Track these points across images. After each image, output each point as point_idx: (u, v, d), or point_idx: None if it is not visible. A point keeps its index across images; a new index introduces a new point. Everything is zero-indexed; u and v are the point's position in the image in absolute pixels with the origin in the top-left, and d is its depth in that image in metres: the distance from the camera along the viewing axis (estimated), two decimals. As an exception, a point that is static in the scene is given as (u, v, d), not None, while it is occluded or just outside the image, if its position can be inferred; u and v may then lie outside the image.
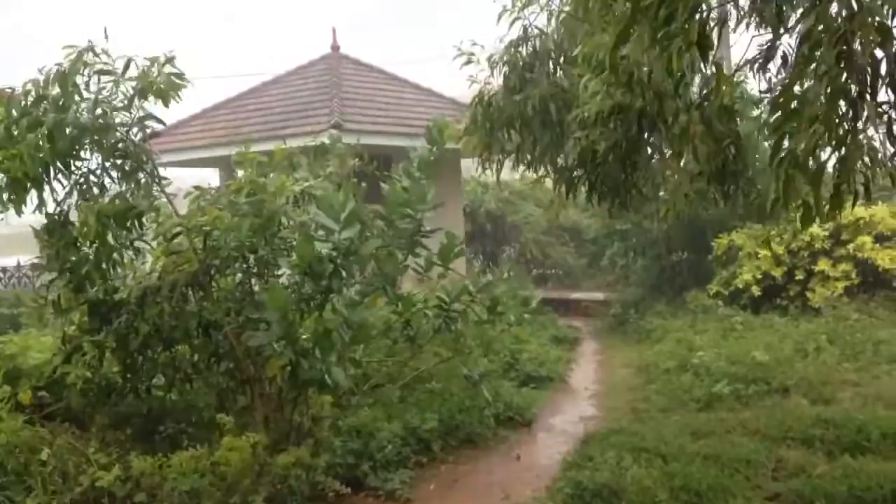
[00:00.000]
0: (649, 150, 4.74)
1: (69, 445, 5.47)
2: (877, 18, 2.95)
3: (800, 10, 3.31)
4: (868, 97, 3.09)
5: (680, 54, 3.29)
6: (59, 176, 5.55)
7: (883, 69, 3.04)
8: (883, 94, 3.21)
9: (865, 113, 3.13)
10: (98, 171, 5.72)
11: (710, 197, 4.74)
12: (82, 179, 5.69)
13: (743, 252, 12.58)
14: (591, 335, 14.44)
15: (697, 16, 3.30)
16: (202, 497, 5.11)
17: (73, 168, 5.61)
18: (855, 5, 2.96)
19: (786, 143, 3.32)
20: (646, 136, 4.59)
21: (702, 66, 3.66)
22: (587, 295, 17.81)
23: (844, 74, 3.02)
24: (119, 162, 5.63)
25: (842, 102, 3.09)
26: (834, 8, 3.04)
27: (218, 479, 5.20)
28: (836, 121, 3.13)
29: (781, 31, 3.61)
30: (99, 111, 5.43)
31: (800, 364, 8.82)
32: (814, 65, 3.13)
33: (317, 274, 5.18)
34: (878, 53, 3.07)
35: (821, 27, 3.03)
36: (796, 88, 3.25)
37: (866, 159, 3.46)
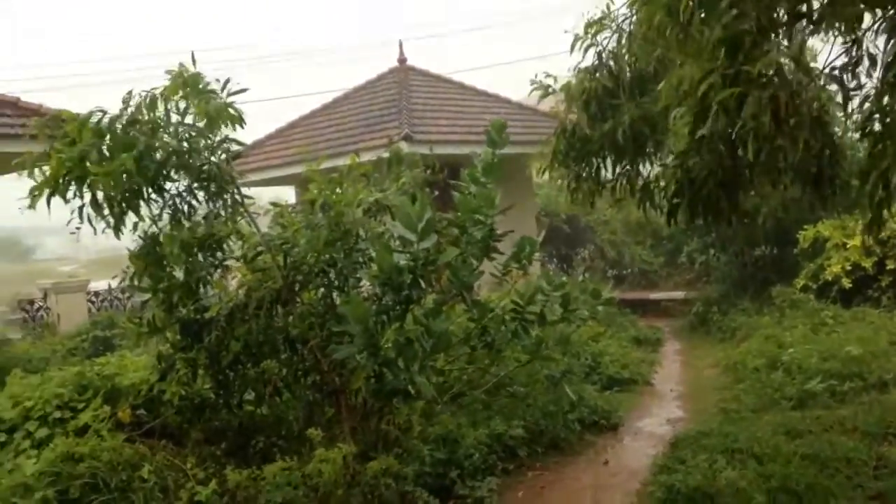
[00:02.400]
0: (748, 172, 4.63)
1: (167, 461, 5.66)
2: None
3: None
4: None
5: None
6: (151, 199, 5.76)
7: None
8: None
9: None
10: (185, 194, 5.93)
11: (805, 202, 4.64)
12: (171, 202, 5.90)
13: (830, 244, 12.12)
14: (672, 335, 14.18)
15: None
16: (296, 508, 5.21)
17: (163, 191, 5.82)
18: None
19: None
20: (742, 159, 4.51)
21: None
22: (666, 294, 17.48)
23: None
24: (205, 184, 5.82)
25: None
26: None
27: (310, 490, 5.30)
28: None
29: (860, 33, 3.55)
30: (185, 135, 5.63)
31: (897, 357, 8.44)
32: None
33: (396, 285, 5.24)
34: None
35: None
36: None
37: None
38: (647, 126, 6.24)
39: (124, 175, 5.12)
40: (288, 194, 16.92)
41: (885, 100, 3.46)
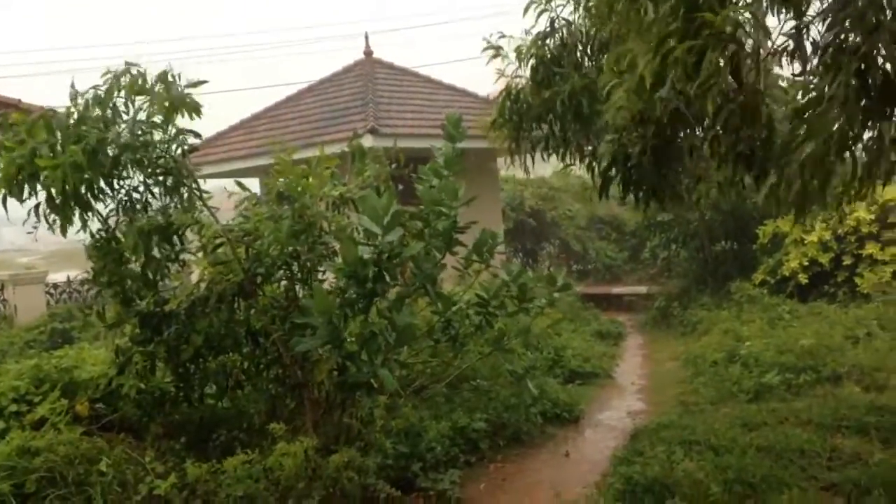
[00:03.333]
0: (683, 149, 4.68)
1: (126, 455, 5.58)
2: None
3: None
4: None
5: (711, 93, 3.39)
6: (104, 195, 5.67)
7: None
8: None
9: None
10: (141, 189, 5.85)
11: (737, 183, 4.67)
12: (126, 197, 5.82)
13: (788, 239, 12.36)
14: (635, 329, 14.36)
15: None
16: (257, 502, 5.18)
17: (116, 187, 5.73)
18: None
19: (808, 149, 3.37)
20: (678, 136, 4.55)
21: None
22: (629, 289, 17.70)
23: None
24: (161, 178, 5.74)
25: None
26: None
27: (272, 484, 5.28)
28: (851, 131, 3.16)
29: (807, 18, 3.61)
30: (138, 130, 5.54)
31: (851, 351, 8.67)
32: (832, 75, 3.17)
33: (361, 278, 5.24)
34: None
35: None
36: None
37: None
38: (587, 97, 6.27)
39: (76, 169, 5.03)
40: (252, 185, 16.74)
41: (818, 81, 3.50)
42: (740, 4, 3.66)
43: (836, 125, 3.30)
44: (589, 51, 6.39)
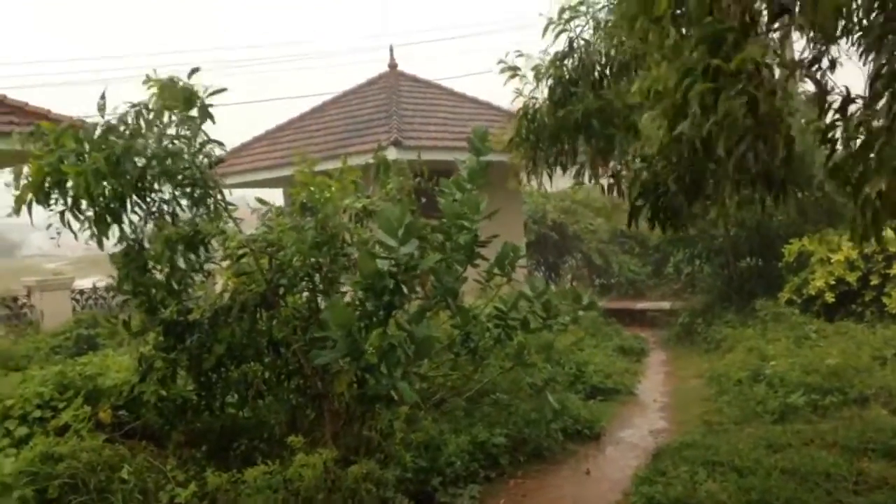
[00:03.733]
0: (711, 177, 4.64)
1: (148, 463, 5.62)
2: None
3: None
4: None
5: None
6: (136, 208, 5.75)
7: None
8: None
9: None
10: (170, 201, 5.91)
11: (757, 202, 4.62)
12: (156, 209, 5.88)
13: (815, 258, 12.20)
14: (658, 345, 14.22)
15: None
16: (276, 512, 5.19)
17: (147, 199, 5.80)
18: None
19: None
20: (709, 164, 4.52)
21: None
22: (653, 304, 17.55)
23: None
24: (188, 190, 5.80)
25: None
26: None
27: (291, 495, 5.28)
28: None
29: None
30: (165, 142, 5.61)
31: (879, 372, 8.50)
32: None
33: (378, 290, 5.24)
34: None
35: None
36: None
37: None
38: (600, 119, 6.24)
39: (98, 177, 5.09)
40: (276, 196, 16.91)
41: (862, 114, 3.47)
42: (762, 40, 3.64)
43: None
44: (607, 72, 6.36)
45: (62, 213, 5.41)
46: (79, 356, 8.33)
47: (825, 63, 3.72)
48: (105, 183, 5.24)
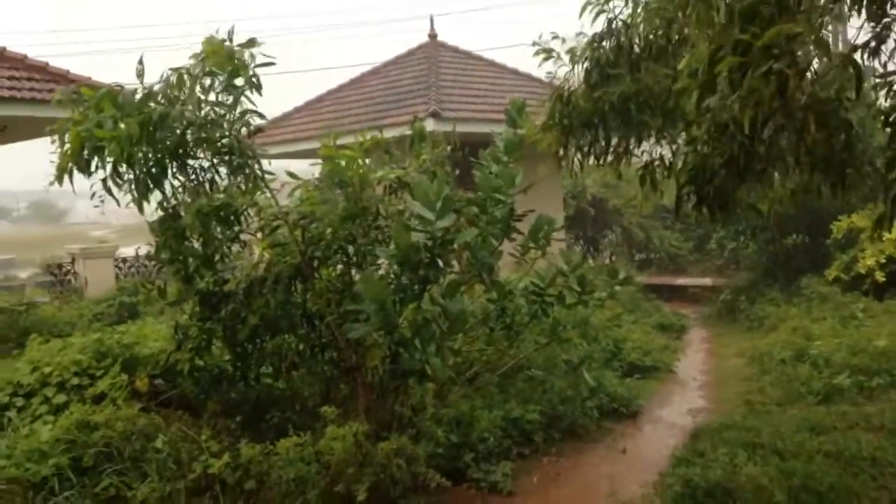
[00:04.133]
0: (759, 160, 4.43)
1: (182, 433, 5.66)
2: None
3: None
4: None
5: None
6: (179, 173, 5.73)
7: None
8: None
9: None
10: (208, 168, 5.87)
11: (814, 189, 4.41)
12: (195, 176, 5.86)
13: (864, 235, 11.79)
14: (698, 322, 13.98)
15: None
16: (307, 485, 5.18)
17: (187, 166, 5.78)
18: None
19: None
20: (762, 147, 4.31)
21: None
22: (694, 280, 17.25)
23: None
24: (227, 158, 5.76)
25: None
26: None
27: (323, 468, 5.27)
28: None
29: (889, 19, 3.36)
30: (205, 108, 5.56)
31: (930, 354, 8.20)
32: None
33: (413, 264, 5.16)
34: None
35: None
36: None
37: None
38: (636, 103, 6.01)
39: (132, 143, 5.07)
40: (317, 168, 16.89)
41: None
42: (800, 17, 3.43)
43: None
44: (646, 54, 6.11)
45: (104, 181, 5.43)
46: (120, 324, 8.44)
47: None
48: (142, 149, 5.23)
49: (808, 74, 3.54)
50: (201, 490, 5.31)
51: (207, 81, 5.52)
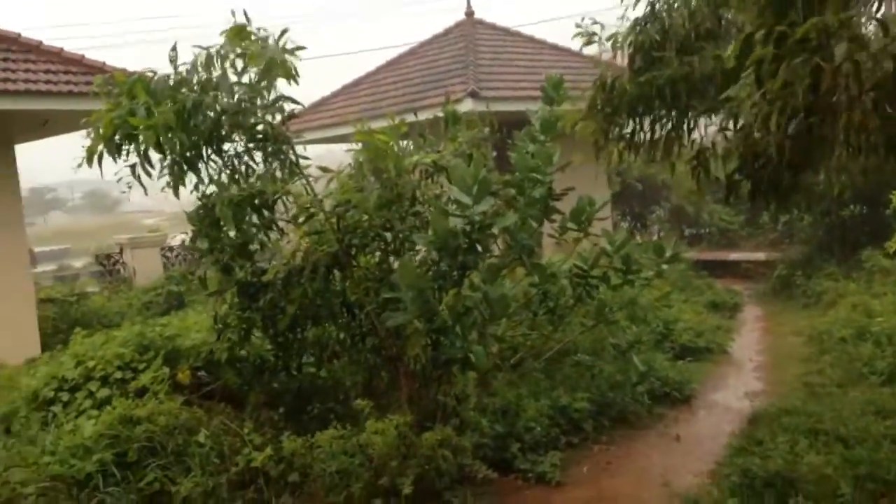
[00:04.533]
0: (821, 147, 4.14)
1: (224, 426, 5.60)
2: None
3: None
4: None
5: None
6: (211, 159, 5.65)
7: None
8: None
9: None
10: (243, 154, 5.78)
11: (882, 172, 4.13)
12: (230, 162, 5.77)
13: (928, 203, 11.23)
14: (752, 300, 13.56)
15: None
16: (351, 478, 5.09)
17: (222, 151, 5.70)
18: None
19: None
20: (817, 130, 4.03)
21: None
22: (746, 255, 16.74)
23: None
24: (261, 144, 5.65)
25: None
26: None
27: (366, 460, 5.17)
28: None
29: None
30: (238, 94, 5.46)
31: None
32: None
33: (452, 249, 4.99)
34: None
35: None
36: None
37: None
38: (686, 87, 5.69)
39: (167, 130, 4.99)
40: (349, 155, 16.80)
41: None
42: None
43: None
44: (694, 35, 5.79)
45: (133, 167, 5.38)
46: (168, 312, 8.48)
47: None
48: (177, 135, 5.16)
49: (864, 54, 3.27)
50: (245, 483, 5.26)
51: (240, 64, 5.42)
